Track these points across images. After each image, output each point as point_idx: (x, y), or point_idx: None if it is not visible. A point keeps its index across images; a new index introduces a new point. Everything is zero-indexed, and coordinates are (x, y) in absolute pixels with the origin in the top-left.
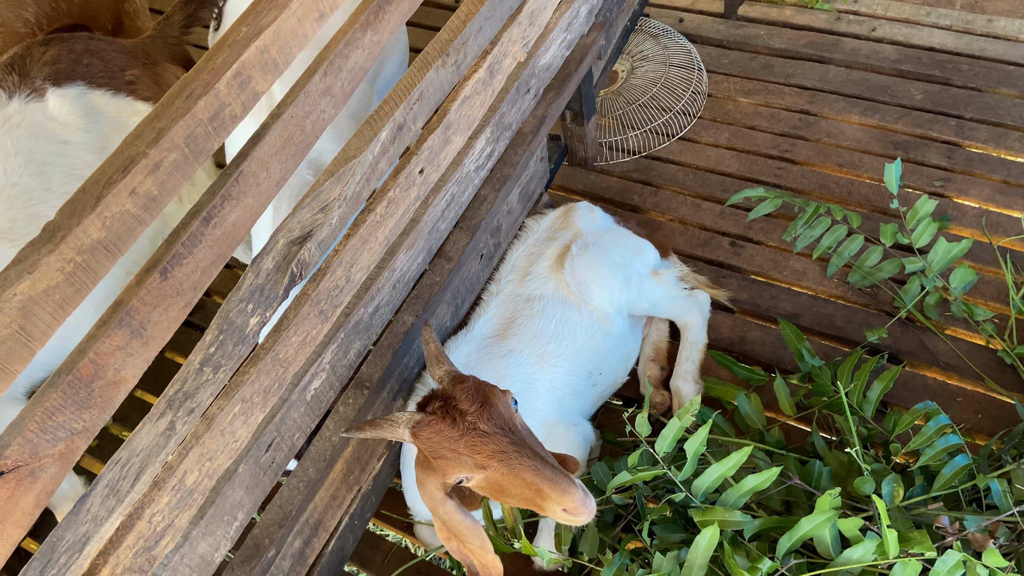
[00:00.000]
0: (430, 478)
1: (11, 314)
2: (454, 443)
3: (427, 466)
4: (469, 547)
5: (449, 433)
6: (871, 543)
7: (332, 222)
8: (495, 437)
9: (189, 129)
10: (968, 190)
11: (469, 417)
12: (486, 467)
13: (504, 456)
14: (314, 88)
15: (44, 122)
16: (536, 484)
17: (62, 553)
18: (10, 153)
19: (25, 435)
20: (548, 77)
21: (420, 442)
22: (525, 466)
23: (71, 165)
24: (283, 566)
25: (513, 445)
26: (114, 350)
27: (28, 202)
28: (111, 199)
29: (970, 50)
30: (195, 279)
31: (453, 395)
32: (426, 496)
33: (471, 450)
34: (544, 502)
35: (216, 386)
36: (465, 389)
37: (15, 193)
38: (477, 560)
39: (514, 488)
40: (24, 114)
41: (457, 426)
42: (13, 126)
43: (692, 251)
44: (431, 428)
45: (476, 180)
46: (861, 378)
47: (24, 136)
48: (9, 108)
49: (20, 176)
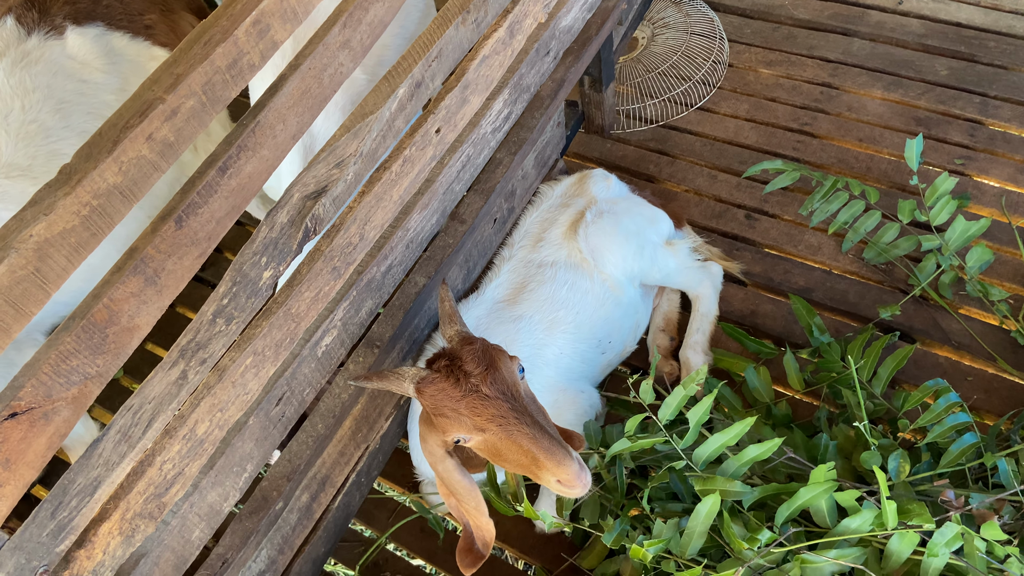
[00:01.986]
0: (432, 434)
1: (27, 255)
2: (456, 403)
3: (429, 423)
4: (465, 507)
5: (452, 392)
6: (869, 513)
7: (347, 178)
8: (496, 402)
9: (207, 76)
10: (989, 169)
11: (473, 379)
12: (484, 430)
13: (503, 421)
14: (333, 40)
15: (63, 60)
16: (532, 452)
17: (73, 496)
18: (28, 89)
19: (39, 377)
20: (568, 40)
21: (423, 398)
22: (523, 433)
23: (91, 104)
24: (290, 519)
25: (513, 411)
26: (128, 296)
27: (47, 139)
28: (128, 144)
29: (997, 27)
30: (210, 229)
31: (460, 355)
32: (427, 452)
33: (471, 411)
34: (539, 471)
35: (228, 338)
36: (472, 351)
37: (34, 129)
38: (472, 521)
39: (511, 454)
40: (43, 51)
41: (460, 386)
42: (31, 62)
43: (706, 223)
44: (435, 386)
45: (492, 142)
46: (872, 355)
47: (42, 72)
48: (28, 44)
49: (39, 112)
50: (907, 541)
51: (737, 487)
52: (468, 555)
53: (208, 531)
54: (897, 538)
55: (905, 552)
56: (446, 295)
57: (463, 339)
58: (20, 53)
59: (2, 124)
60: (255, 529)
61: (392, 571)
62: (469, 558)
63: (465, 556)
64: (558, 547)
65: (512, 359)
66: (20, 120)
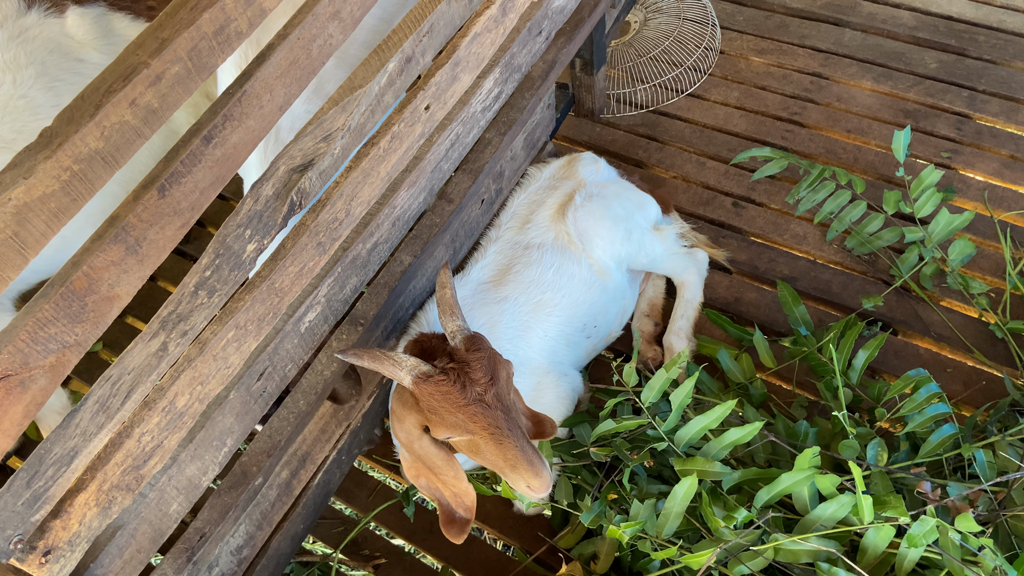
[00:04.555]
0: (410, 415)
1: (5, 219)
2: (456, 408)
3: (408, 404)
4: (443, 478)
5: (455, 398)
6: (846, 499)
7: (334, 152)
8: (495, 413)
9: (193, 42)
10: (975, 163)
11: (478, 388)
12: (476, 435)
13: (497, 432)
14: (322, 11)
15: (61, 38)
16: (514, 461)
17: (50, 465)
18: (22, 64)
19: (16, 344)
20: (561, 20)
21: (420, 392)
22: (512, 444)
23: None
24: (269, 495)
25: (507, 423)
26: (108, 265)
27: (35, 116)
28: (110, 108)
29: (988, 21)
30: (193, 199)
31: (467, 361)
32: (402, 431)
33: (470, 419)
34: (513, 474)
35: (210, 310)
36: (480, 359)
37: (22, 105)
38: (449, 491)
39: (491, 456)
40: (41, 28)
41: (465, 394)
42: (28, 38)
43: (694, 209)
44: (438, 387)
45: (482, 121)
46: (847, 345)
47: (38, 49)
48: (27, 19)
49: (29, 89)
50: (883, 535)
51: (717, 468)
52: (453, 525)
53: (186, 505)
54: (873, 531)
55: (881, 545)
56: (447, 280)
57: (469, 341)
58: (18, 28)
59: None
60: (234, 504)
61: (371, 550)
62: (455, 527)
63: (450, 527)
64: (537, 527)
65: (507, 363)
66: (9, 94)
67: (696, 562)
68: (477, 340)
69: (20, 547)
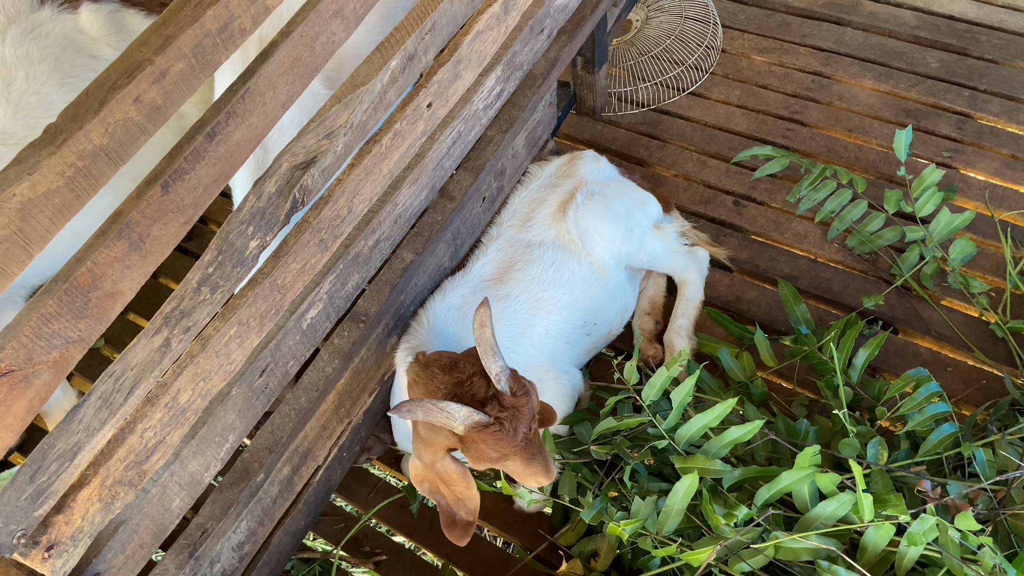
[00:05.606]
0: (441, 442)
1: (10, 215)
2: (506, 449)
3: (442, 434)
4: (454, 488)
5: (507, 443)
6: (846, 497)
7: (337, 149)
8: (534, 445)
9: (197, 39)
10: (976, 162)
11: (525, 430)
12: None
13: (531, 457)
14: (325, 8)
15: (74, 34)
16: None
17: (52, 460)
18: (35, 60)
19: (20, 339)
20: (563, 18)
21: (470, 438)
22: (538, 461)
23: None
24: (271, 491)
25: (540, 448)
26: (112, 261)
27: (48, 111)
28: (115, 104)
29: (990, 20)
30: (196, 196)
31: (516, 407)
32: (427, 453)
33: (515, 453)
34: (531, 479)
35: (213, 306)
36: (527, 403)
37: (35, 101)
38: (455, 496)
39: (516, 469)
40: (54, 23)
41: (516, 438)
42: (41, 34)
43: (695, 208)
44: (493, 435)
45: (484, 119)
46: (847, 344)
47: (51, 45)
48: (40, 15)
49: (42, 85)
50: (883, 533)
51: (718, 465)
52: (454, 528)
53: (188, 500)
54: (873, 530)
55: (881, 543)
56: (486, 319)
57: (514, 383)
58: (31, 23)
59: (3, 92)
60: (236, 500)
61: (372, 547)
62: (457, 530)
63: (452, 530)
64: (537, 525)
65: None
66: (22, 90)
67: (696, 559)
68: (520, 383)
69: (23, 542)
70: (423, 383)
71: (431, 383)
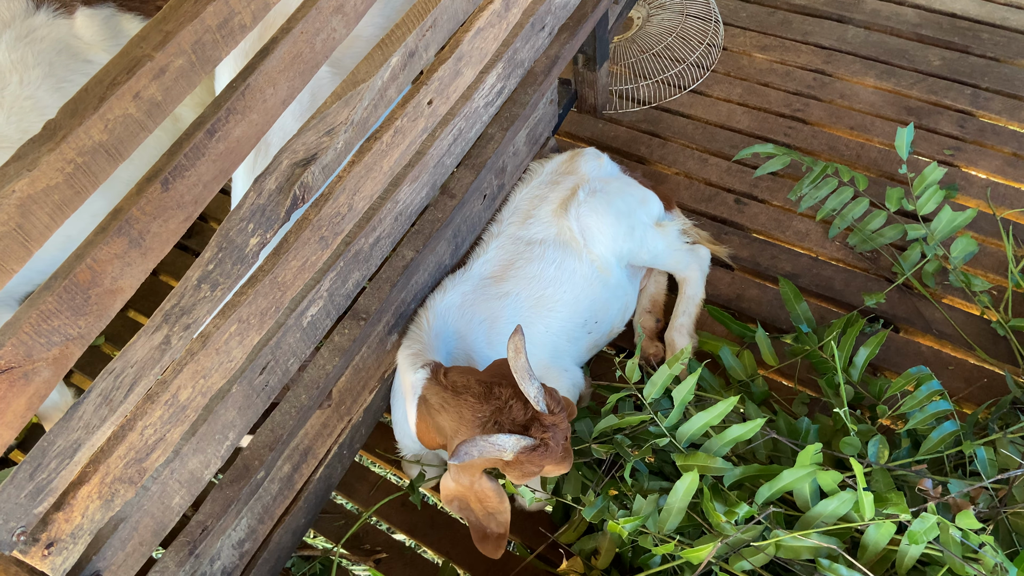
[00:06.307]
0: (476, 467)
1: (9, 211)
2: (549, 462)
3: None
4: (487, 505)
5: (552, 459)
6: (847, 496)
7: (337, 146)
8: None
9: (197, 35)
10: (978, 160)
11: (566, 443)
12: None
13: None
14: (326, 5)
15: (69, 39)
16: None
17: (52, 458)
18: (29, 65)
19: (20, 336)
20: (564, 16)
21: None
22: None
23: None
24: (271, 489)
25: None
26: (112, 258)
27: (41, 116)
28: (114, 101)
29: (992, 18)
30: (196, 192)
31: (555, 424)
32: (466, 477)
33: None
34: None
35: (213, 304)
36: (566, 421)
37: (28, 106)
38: (486, 511)
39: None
40: (50, 28)
41: (559, 451)
42: (37, 39)
43: (696, 206)
44: (539, 455)
45: (484, 117)
46: (848, 343)
47: (46, 50)
48: (35, 19)
49: (36, 89)
50: (884, 531)
51: (719, 464)
52: (487, 541)
53: (188, 498)
54: (874, 528)
55: (882, 542)
56: (520, 346)
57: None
58: (26, 28)
59: None
60: (236, 497)
61: (373, 544)
62: (490, 544)
63: (485, 543)
64: (538, 523)
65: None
66: (16, 94)
67: (696, 557)
68: (555, 398)
69: (23, 539)
70: (453, 410)
71: (465, 411)
